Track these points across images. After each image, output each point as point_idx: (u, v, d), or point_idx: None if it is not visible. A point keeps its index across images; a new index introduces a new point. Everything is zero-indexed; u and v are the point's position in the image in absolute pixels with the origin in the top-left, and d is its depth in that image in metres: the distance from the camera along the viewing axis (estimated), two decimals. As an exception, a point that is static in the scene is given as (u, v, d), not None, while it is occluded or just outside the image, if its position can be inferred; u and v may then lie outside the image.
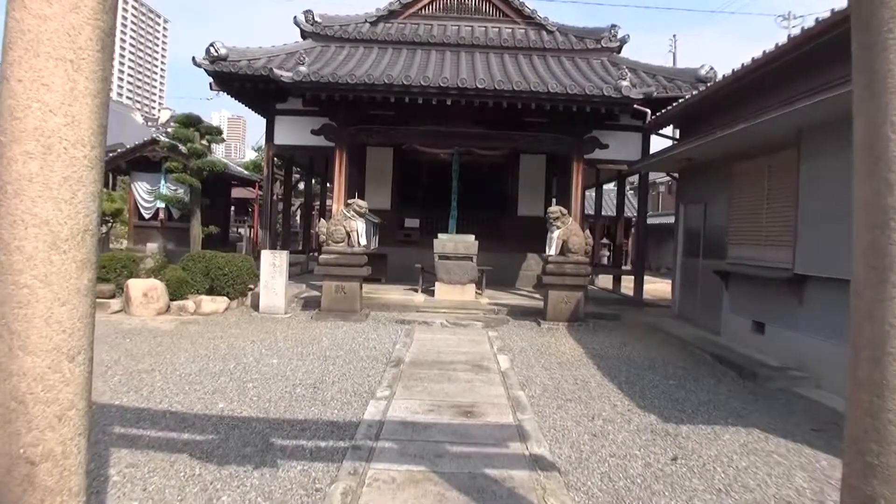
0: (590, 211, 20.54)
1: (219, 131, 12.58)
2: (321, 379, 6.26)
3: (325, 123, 11.52)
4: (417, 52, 12.68)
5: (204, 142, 12.27)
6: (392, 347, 7.87)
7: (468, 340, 8.51)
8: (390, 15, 13.72)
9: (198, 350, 7.39)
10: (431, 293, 11.87)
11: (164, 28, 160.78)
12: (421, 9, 13.97)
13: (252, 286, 10.89)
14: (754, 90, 8.33)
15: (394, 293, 12.14)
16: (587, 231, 10.31)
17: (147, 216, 15.45)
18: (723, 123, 8.06)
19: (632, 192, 24.07)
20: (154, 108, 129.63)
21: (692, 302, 10.74)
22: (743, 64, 8.06)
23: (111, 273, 10.24)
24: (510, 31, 13.71)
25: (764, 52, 7.51)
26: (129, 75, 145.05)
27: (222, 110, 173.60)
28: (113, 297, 10.03)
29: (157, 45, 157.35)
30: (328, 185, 16.90)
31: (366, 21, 13.47)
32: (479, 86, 10.28)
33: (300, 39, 13.31)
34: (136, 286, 9.67)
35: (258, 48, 12.36)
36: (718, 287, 9.43)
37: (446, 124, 11.66)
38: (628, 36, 13.39)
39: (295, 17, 13.05)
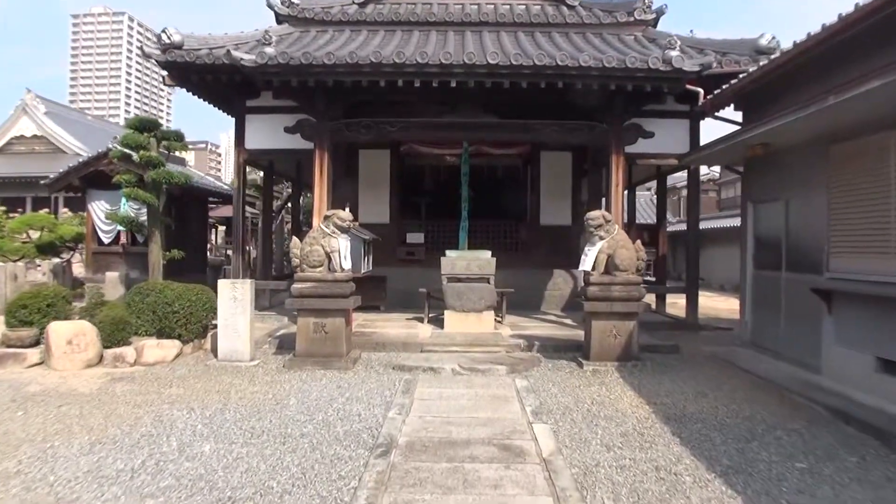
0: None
1: (179, 137, 10.43)
2: (266, 486, 4.02)
3: (301, 119, 9.36)
4: (414, 33, 10.51)
5: (162, 149, 10.15)
6: (383, 415, 5.61)
7: (489, 397, 6.22)
8: (381, -7, 11.58)
9: (107, 429, 5.19)
10: (440, 323, 9.63)
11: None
12: (418, -16, 11.81)
13: (216, 323, 8.68)
14: (861, 47, 6.09)
15: (393, 326, 9.91)
16: (637, 242, 7.98)
17: (107, 241, 13.25)
18: (812, 95, 5.83)
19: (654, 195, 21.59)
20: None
21: (772, 327, 8.39)
22: (857, 3, 5.81)
23: (34, 314, 8.07)
24: (524, 6, 11.50)
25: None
26: (136, 99, 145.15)
27: (230, 131, 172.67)
28: (37, 344, 7.87)
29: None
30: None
31: (352, 2, 11.35)
32: (492, 61, 8.09)
33: (275, 24, 11.23)
34: (59, 331, 7.50)
35: (223, 35, 10.27)
36: (815, 310, 7.10)
37: (451, 114, 9.49)
38: (666, 6, 11.16)
39: (267, -2, 10.98)
